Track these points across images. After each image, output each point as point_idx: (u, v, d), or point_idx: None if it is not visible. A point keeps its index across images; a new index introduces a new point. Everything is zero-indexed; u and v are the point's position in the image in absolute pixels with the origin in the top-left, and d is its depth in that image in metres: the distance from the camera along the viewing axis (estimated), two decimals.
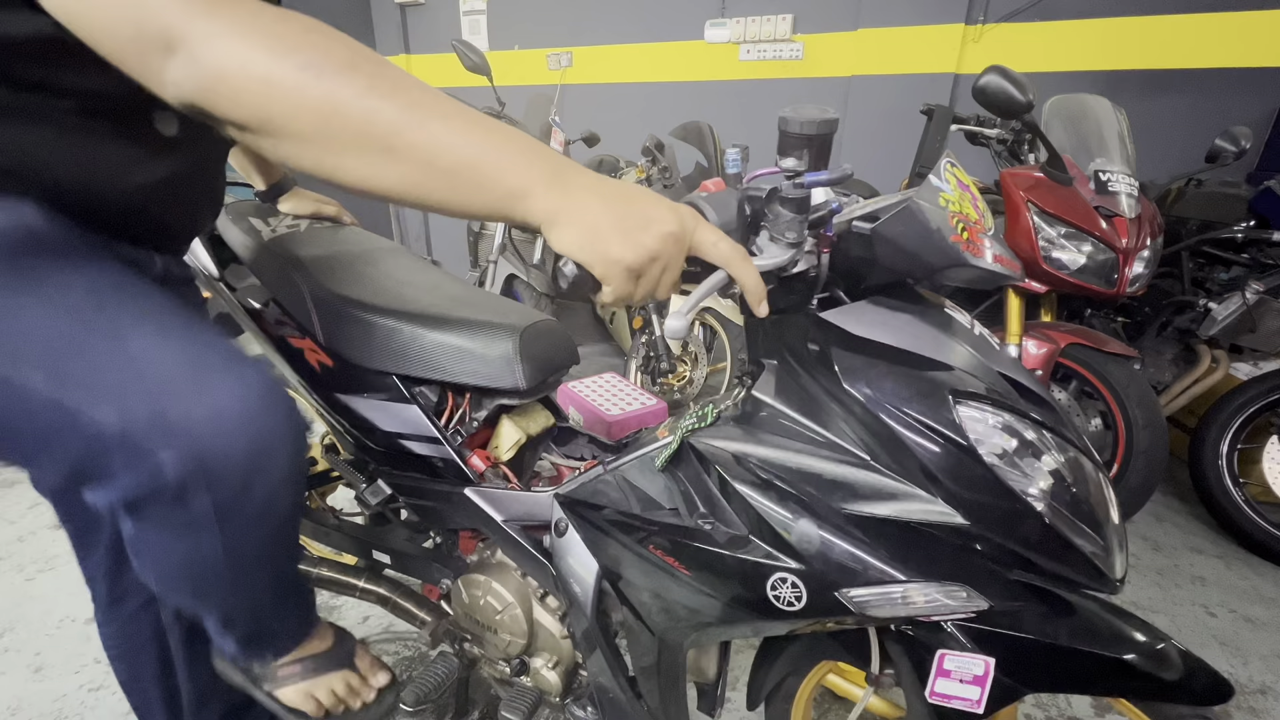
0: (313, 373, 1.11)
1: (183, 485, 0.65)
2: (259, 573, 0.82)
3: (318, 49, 0.51)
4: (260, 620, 0.90)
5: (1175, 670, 0.68)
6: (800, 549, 0.72)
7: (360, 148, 0.52)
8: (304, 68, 0.49)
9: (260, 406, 0.69)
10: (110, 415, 0.62)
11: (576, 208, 0.56)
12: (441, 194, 0.54)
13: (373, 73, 0.52)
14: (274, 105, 0.50)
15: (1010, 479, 0.65)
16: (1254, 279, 2.11)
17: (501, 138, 0.55)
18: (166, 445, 0.63)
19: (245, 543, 0.75)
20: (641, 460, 0.87)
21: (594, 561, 0.91)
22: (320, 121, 0.50)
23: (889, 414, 0.68)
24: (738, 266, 0.61)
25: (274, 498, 0.74)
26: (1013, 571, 0.69)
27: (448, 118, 0.53)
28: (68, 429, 0.62)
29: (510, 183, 0.54)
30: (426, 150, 0.52)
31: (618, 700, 0.98)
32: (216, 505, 0.69)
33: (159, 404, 0.63)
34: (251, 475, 0.69)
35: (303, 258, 1.10)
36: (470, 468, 1.04)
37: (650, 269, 0.58)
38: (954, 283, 0.70)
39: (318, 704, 0.98)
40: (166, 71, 0.49)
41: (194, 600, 0.83)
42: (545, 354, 1.02)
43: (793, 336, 0.76)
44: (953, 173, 0.70)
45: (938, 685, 0.76)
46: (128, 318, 0.66)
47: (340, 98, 0.50)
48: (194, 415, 0.65)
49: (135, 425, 0.62)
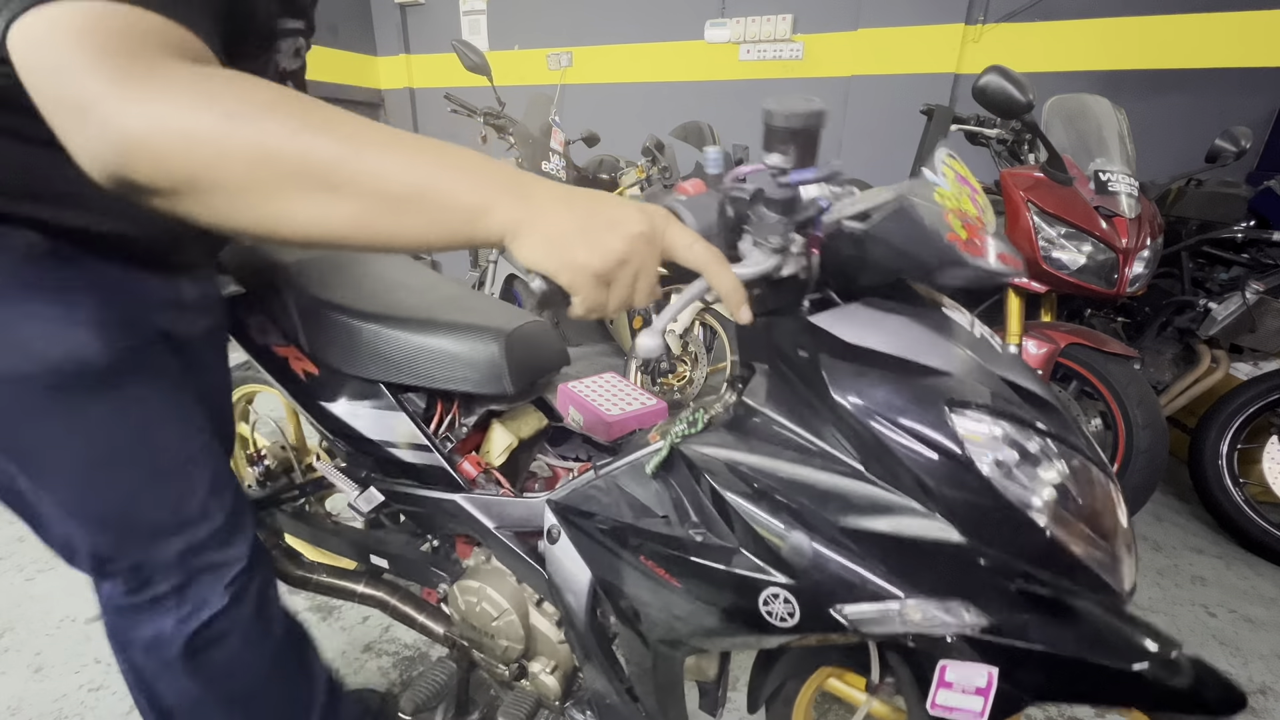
0: (298, 381, 1.09)
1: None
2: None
3: (237, 96, 0.47)
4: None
5: (1186, 679, 0.65)
6: (793, 563, 0.69)
7: (300, 189, 0.48)
8: (227, 116, 0.46)
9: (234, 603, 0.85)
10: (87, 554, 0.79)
11: (538, 216, 0.53)
12: (397, 226, 0.51)
13: (301, 111, 0.48)
14: (199, 159, 0.46)
15: (1009, 491, 0.62)
16: (1254, 279, 2.10)
17: (451, 158, 0.52)
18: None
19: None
20: (633, 465, 0.86)
21: (587, 569, 0.90)
22: (252, 168, 0.47)
23: (880, 424, 0.65)
24: (714, 271, 0.58)
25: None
26: (1015, 584, 0.66)
27: (391, 144, 0.50)
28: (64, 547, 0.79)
29: (467, 200, 0.51)
30: (374, 179, 0.49)
31: (615, 705, 0.97)
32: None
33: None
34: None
35: (286, 261, 1.08)
36: (461, 474, 1.03)
37: (620, 274, 0.55)
38: (953, 283, 0.66)
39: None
40: (84, 142, 0.46)
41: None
42: (532, 357, 1.01)
43: (783, 340, 0.73)
44: (951, 165, 0.66)
45: (939, 696, 0.73)
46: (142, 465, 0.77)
47: (270, 139, 0.47)
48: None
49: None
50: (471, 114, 2.82)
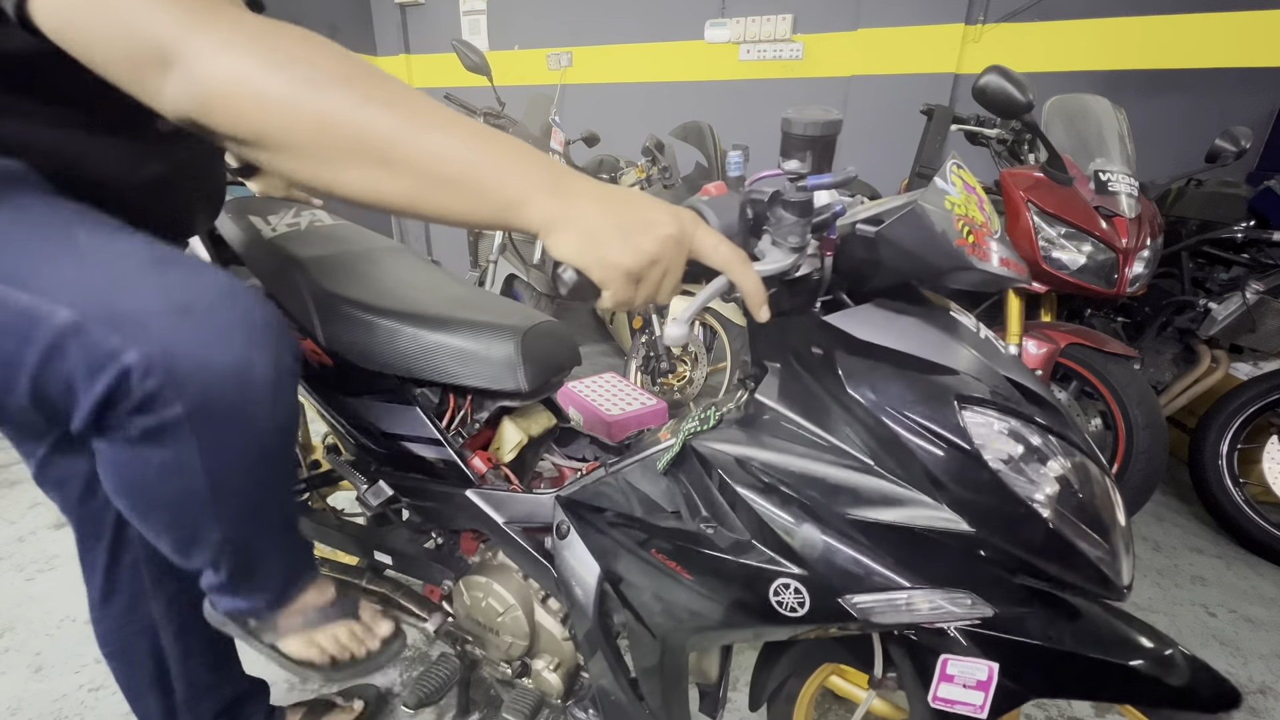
0: (313, 373, 1.11)
1: (149, 387, 0.62)
2: (244, 499, 0.77)
3: (312, 62, 0.51)
4: (250, 559, 0.84)
5: (1181, 676, 0.68)
6: (803, 554, 0.71)
7: (358, 160, 0.52)
8: (299, 81, 0.49)
9: (227, 298, 0.66)
10: (64, 311, 0.59)
11: (575, 213, 0.55)
12: (440, 204, 0.54)
13: (368, 84, 0.51)
14: (270, 120, 0.50)
15: (1015, 484, 0.64)
16: (1254, 279, 2.11)
17: (500, 146, 0.55)
18: (127, 341, 0.60)
19: (227, 460, 0.71)
20: (643, 463, 0.87)
21: (595, 564, 0.91)
22: (316, 134, 0.50)
23: (893, 419, 0.67)
24: (738, 271, 0.60)
25: (255, 410, 0.69)
26: (1018, 577, 0.68)
27: (445, 127, 0.53)
28: (21, 333, 0.60)
29: (509, 191, 0.54)
30: (424, 160, 0.52)
31: (619, 702, 0.98)
32: (190, 413, 0.65)
33: (114, 297, 0.61)
34: (227, 380, 0.66)
35: (302, 257, 1.10)
36: (471, 469, 1.03)
37: (650, 273, 0.57)
38: (959, 286, 0.69)
39: (322, 651, 0.96)
40: (163, 88, 0.50)
41: (174, 530, 0.78)
42: (547, 355, 1.02)
43: (796, 339, 0.75)
44: (959, 174, 0.69)
45: (941, 690, 0.76)
46: (84, 225, 0.65)
47: (336, 110, 0.50)
48: (154, 309, 0.62)
49: (91, 320, 0.60)
50: (472, 114, 2.82)
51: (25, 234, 0.62)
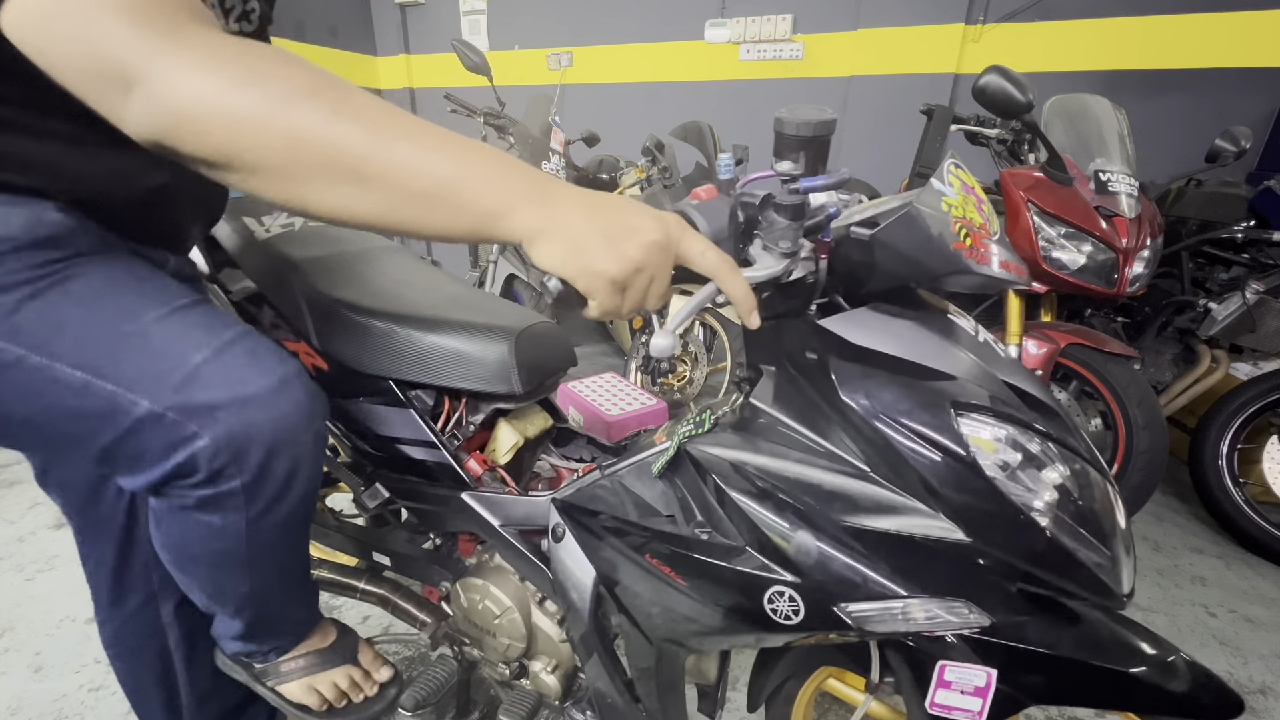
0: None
1: (215, 466, 0.69)
2: (275, 557, 0.83)
3: (279, 78, 0.49)
4: (268, 609, 0.91)
5: (1183, 683, 0.67)
6: (798, 561, 0.70)
7: (329, 177, 0.50)
8: (266, 99, 0.48)
9: (282, 386, 0.72)
10: (144, 403, 0.65)
11: (558, 222, 0.54)
12: (418, 219, 0.53)
13: (337, 98, 0.50)
14: (238, 140, 0.48)
15: (1013, 492, 0.63)
16: (1254, 279, 2.11)
17: (476, 156, 0.53)
18: (201, 430, 0.67)
19: (267, 524, 0.77)
20: (639, 466, 0.86)
21: (591, 567, 0.90)
22: (287, 153, 0.49)
23: (888, 425, 0.66)
24: (725, 277, 0.59)
25: (296, 477, 0.76)
26: (1016, 585, 0.66)
27: (418, 139, 0.52)
28: (103, 417, 0.65)
29: (488, 202, 0.53)
30: (398, 175, 0.51)
31: (616, 704, 0.98)
32: (245, 484, 0.72)
33: (188, 392, 0.67)
34: (276, 454, 0.72)
35: (297, 258, 1.09)
36: (467, 471, 1.03)
37: (635, 280, 0.56)
38: (956, 289, 0.68)
39: (321, 698, 0.99)
40: (126, 109, 0.48)
41: (209, 583, 0.85)
42: (542, 357, 1.01)
43: (791, 343, 0.74)
44: (957, 175, 0.68)
45: (938, 696, 0.75)
46: (151, 309, 0.69)
47: (305, 127, 0.49)
48: (222, 402, 0.68)
49: (169, 410, 0.66)
50: (471, 114, 2.82)
51: (101, 322, 0.66)
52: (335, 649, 1.01)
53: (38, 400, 0.65)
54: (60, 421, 0.67)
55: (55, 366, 0.63)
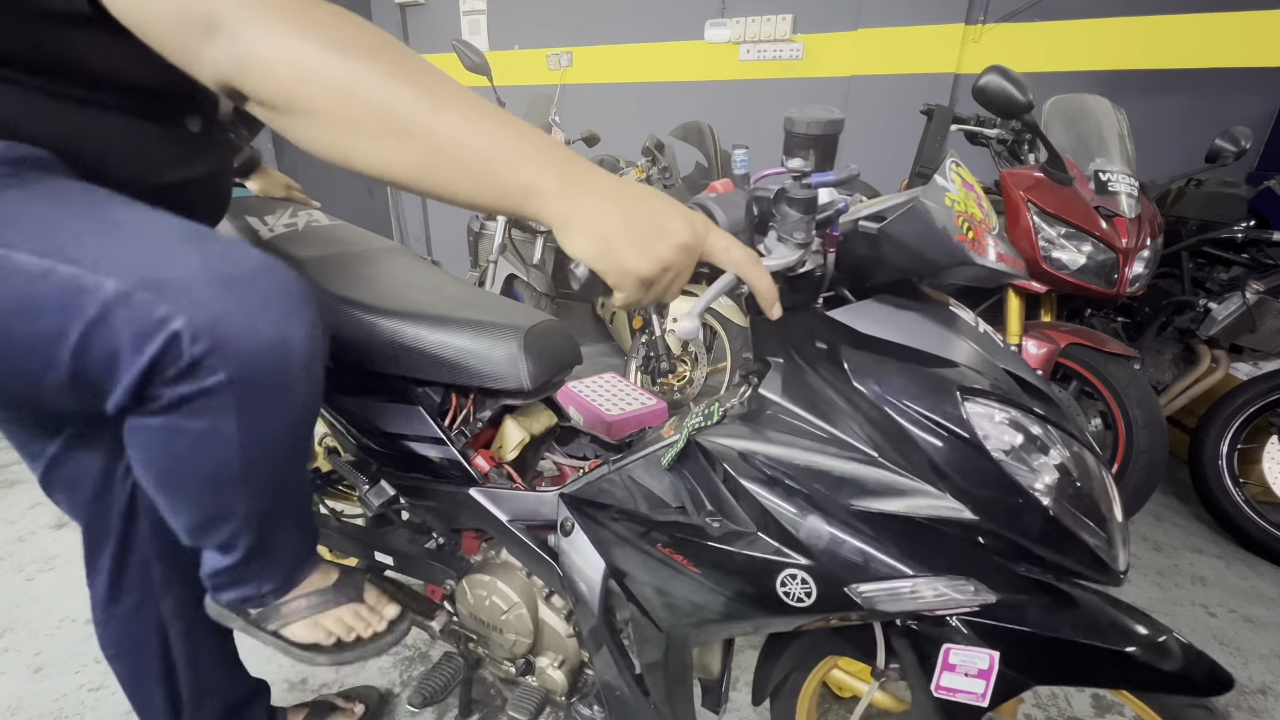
0: None
1: (196, 353, 0.63)
2: (273, 471, 0.78)
3: (344, 32, 0.53)
4: (265, 538, 0.84)
5: (1175, 662, 0.70)
6: (809, 545, 0.73)
7: (376, 131, 0.53)
8: (329, 47, 0.52)
9: (265, 270, 0.68)
10: (110, 281, 0.59)
11: (590, 214, 0.56)
12: (452, 182, 0.55)
13: (395, 58, 0.53)
14: (300, 85, 0.52)
15: (1017, 473, 0.66)
16: (1254, 279, 2.11)
17: (516, 131, 0.55)
18: (175, 309, 0.61)
19: (262, 431, 0.72)
20: (647, 459, 0.88)
21: (600, 560, 0.91)
22: (340, 102, 0.52)
23: (897, 410, 0.69)
24: (750, 271, 0.62)
25: (291, 381, 0.71)
26: (1018, 565, 0.70)
27: (465, 107, 0.54)
28: (66, 308, 0.59)
29: (521, 177, 0.55)
30: (441, 137, 0.54)
31: (624, 698, 0.98)
32: (232, 380, 0.66)
33: (159, 267, 0.62)
34: (264, 345, 0.66)
35: (301, 257, 1.10)
36: (474, 468, 1.04)
37: (662, 278, 0.58)
38: (959, 281, 0.71)
39: (328, 633, 0.96)
40: (207, 52, 0.52)
41: (197, 506, 0.78)
42: (550, 354, 1.02)
43: (799, 334, 0.76)
44: (957, 172, 0.70)
45: (943, 679, 0.77)
46: (120, 204, 0.66)
47: (361, 79, 0.52)
48: (199, 278, 0.62)
49: (138, 288, 0.60)
50: None
51: (63, 211, 0.62)
52: (339, 587, 0.97)
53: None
54: (20, 322, 0.60)
55: (13, 255, 0.59)
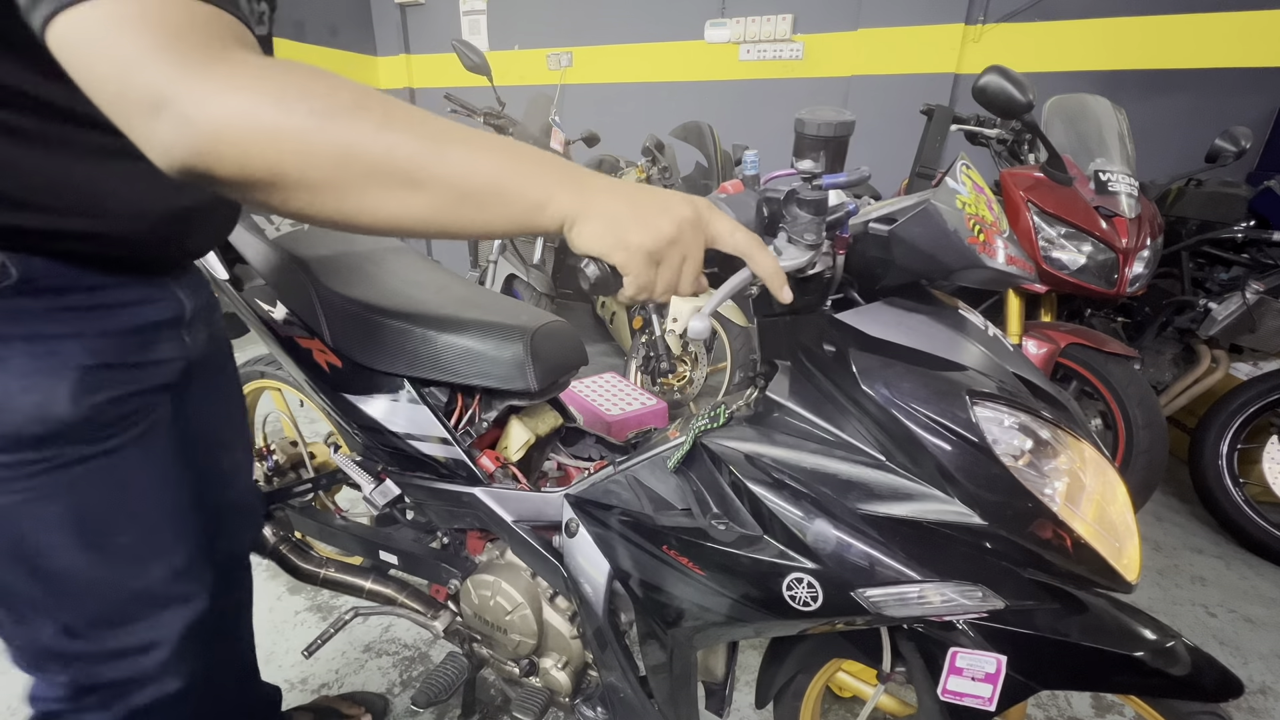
0: (321, 373, 1.11)
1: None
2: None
3: (322, 94, 0.49)
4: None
5: (1184, 667, 0.69)
6: (816, 549, 0.72)
7: (383, 185, 0.51)
8: (312, 114, 0.48)
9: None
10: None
11: (594, 204, 0.57)
12: (469, 217, 0.55)
13: (383, 109, 0.51)
14: (286, 157, 0.47)
15: (1026, 478, 0.65)
16: (1254, 279, 2.11)
17: (515, 153, 0.56)
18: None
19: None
20: (653, 461, 0.87)
21: (605, 561, 0.91)
22: (338, 165, 0.49)
23: (906, 414, 0.68)
24: (756, 255, 0.62)
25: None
26: (1026, 570, 0.69)
27: (464, 142, 0.54)
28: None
29: (532, 195, 0.55)
30: (451, 176, 0.53)
31: (628, 700, 0.98)
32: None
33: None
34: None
35: (307, 257, 1.10)
36: (480, 468, 1.04)
37: (670, 254, 0.59)
38: (968, 284, 0.70)
39: None
40: (154, 134, 0.46)
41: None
42: (556, 355, 1.02)
43: (807, 337, 0.76)
44: (968, 175, 0.70)
45: (950, 683, 0.77)
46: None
47: (357, 138, 0.49)
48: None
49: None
50: (471, 114, 2.82)
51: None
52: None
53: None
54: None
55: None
